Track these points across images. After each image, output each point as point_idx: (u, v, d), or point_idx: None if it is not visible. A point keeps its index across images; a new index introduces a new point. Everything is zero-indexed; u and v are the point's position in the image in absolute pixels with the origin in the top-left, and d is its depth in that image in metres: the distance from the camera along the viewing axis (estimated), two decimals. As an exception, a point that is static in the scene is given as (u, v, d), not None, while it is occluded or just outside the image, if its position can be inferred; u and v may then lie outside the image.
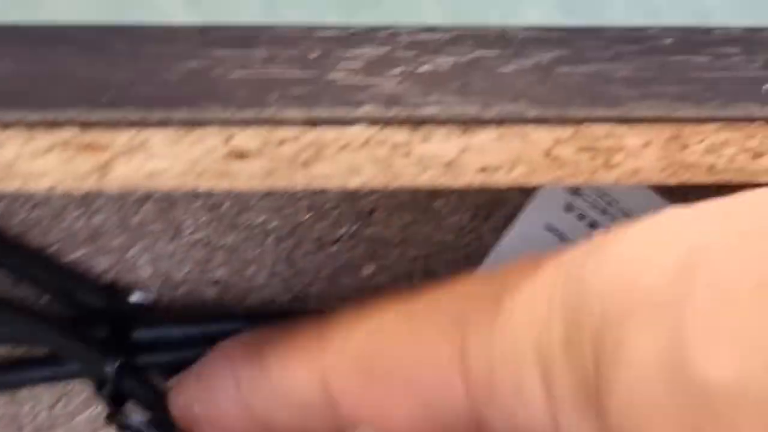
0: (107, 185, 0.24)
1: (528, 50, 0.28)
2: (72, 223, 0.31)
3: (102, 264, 0.32)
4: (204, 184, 0.25)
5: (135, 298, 0.30)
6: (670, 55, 0.28)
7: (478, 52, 0.28)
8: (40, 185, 0.24)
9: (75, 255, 0.31)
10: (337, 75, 0.26)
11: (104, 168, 0.24)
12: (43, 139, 0.24)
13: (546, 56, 0.28)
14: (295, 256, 0.32)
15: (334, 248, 0.32)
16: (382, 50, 0.27)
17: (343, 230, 0.32)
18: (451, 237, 0.33)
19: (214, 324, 0.30)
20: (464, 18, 0.29)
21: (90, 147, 0.24)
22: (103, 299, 0.31)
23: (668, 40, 0.29)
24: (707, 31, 0.30)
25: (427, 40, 0.28)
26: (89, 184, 0.24)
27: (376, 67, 0.27)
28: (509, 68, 0.27)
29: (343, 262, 0.32)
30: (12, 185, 0.24)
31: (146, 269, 0.32)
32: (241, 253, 0.32)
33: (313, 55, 0.27)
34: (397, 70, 0.27)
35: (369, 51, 0.27)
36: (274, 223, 0.31)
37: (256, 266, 0.32)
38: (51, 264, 0.31)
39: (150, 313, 0.31)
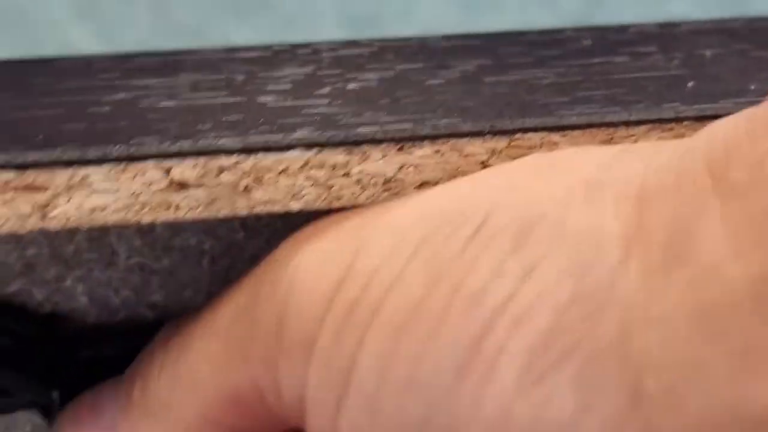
0: (50, 224, 0.24)
1: (451, 61, 0.28)
2: (5, 256, 0.30)
3: (38, 295, 0.31)
4: (147, 217, 0.25)
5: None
6: (590, 58, 0.29)
7: (402, 66, 0.28)
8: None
9: (10, 288, 0.31)
10: (267, 98, 0.26)
11: (45, 207, 0.24)
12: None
13: (470, 66, 0.28)
14: (231, 276, 0.32)
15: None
16: (307, 69, 0.28)
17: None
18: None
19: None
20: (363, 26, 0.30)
21: (30, 187, 0.24)
22: (42, 329, 0.31)
23: (586, 42, 0.29)
24: (622, 29, 0.30)
25: (349, 56, 0.28)
26: (31, 223, 0.24)
27: (304, 87, 0.27)
28: (436, 81, 0.28)
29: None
30: None
31: (83, 298, 0.32)
32: (177, 276, 0.32)
33: (240, 78, 0.27)
34: (326, 90, 0.27)
35: (294, 71, 0.27)
36: (208, 244, 0.31)
37: (192, 288, 0.32)
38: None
39: (90, 337, 0.31)
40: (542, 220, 0.22)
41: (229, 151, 0.24)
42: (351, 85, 0.27)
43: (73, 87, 0.26)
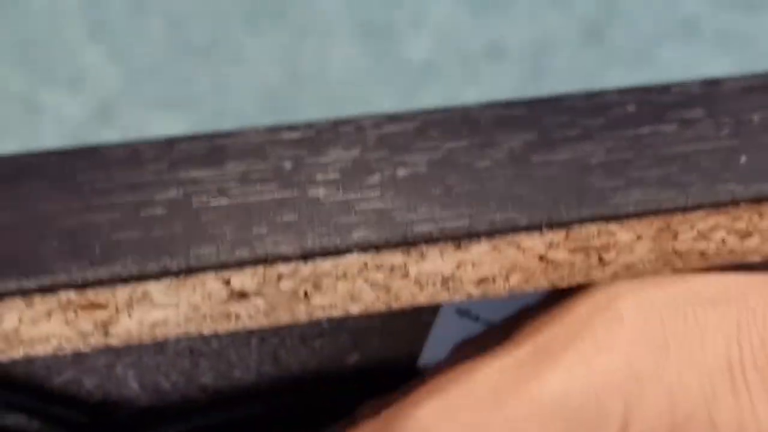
0: (111, 341, 0.24)
1: (496, 136, 0.28)
2: (54, 346, 0.30)
3: (88, 384, 0.31)
4: (207, 329, 0.25)
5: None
6: (638, 127, 0.28)
7: (448, 144, 0.28)
8: (46, 349, 0.24)
9: (62, 378, 0.31)
10: (319, 191, 0.26)
11: (107, 325, 0.24)
12: (42, 303, 0.24)
13: (516, 142, 0.28)
14: (280, 355, 0.32)
15: (318, 342, 0.32)
16: (354, 153, 0.27)
17: (325, 324, 0.32)
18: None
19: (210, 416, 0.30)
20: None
21: (91, 305, 0.24)
22: (94, 417, 0.31)
23: (630, 108, 0.29)
24: (665, 90, 0.30)
25: (393, 133, 0.28)
26: (93, 341, 0.24)
27: (353, 175, 0.27)
28: (484, 163, 0.27)
29: (328, 354, 0.32)
30: (18, 352, 0.24)
31: (133, 384, 0.32)
32: (226, 356, 0.32)
33: (287, 167, 0.27)
34: (376, 178, 0.27)
35: (340, 155, 0.27)
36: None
37: (241, 369, 0.32)
38: (38, 390, 0.31)
39: (143, 422, 0.31)
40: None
41: (287, 258, 0.24)
42: (401, 172, 0.27)
43: (122, 183, 0.26)
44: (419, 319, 0.32)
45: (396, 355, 0.32)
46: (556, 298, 0.27)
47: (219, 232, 0.25)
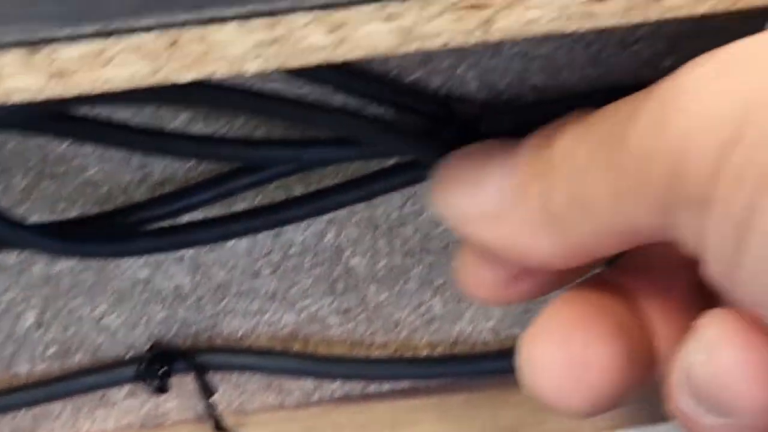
0: (491, 37, 0.28)
1: None
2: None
3: (434, 83, 0.36)
4: (571, 27, 0.28)
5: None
6: None
7: None
8: (434, 44, 0.28)
9: (411, 78, 0.36)
10: None
11: (488, 22, 0.28)
12: (436, 4, 0.28)
13: None
14: (601, 57, 0.36)
15: (636, 47, 0.36)
16: None
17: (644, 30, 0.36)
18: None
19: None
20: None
21: (475, 6, 0.28)
22: (441, 109, 0.35)
23: None
24: None
25: None
26: (476, 37, 0.28)
27: None
28: None
29: (645, 58, 0.36)
30: (411, 47, 0.28)
31: (473, 83, 0.36)
32: (555, 59, 0.36)
33: None
34: None
35: None
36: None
37: (568, 70, 0.36)
38: (392, 85, 0.35)
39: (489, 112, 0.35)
40: None
41: (645, -34, 0.28)
42: None
43: None
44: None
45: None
46: None
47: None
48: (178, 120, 0.36)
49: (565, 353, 0.30)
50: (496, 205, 0.30)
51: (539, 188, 0.30)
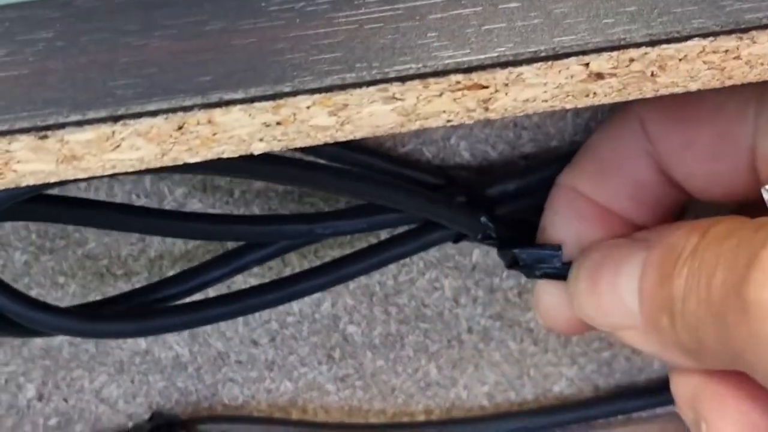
0: (490, 115, 0.29)
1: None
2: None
3: (428, 153, 0.37)
4: (569, 104, 0.29)
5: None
6: None
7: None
8: (437, 122, 0.29)
9: (405, 148, 0.37)
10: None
11: (487, 102, 0.29)
12: (436, 84, 0.29)
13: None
14: (591, 126, 0.37)
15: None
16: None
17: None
18: None
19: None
20: None
21: (475, 86, 0.29)
22: (440, 177, 0.36)
23: None
24: None
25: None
26: (476, 115, 0.29)
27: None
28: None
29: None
30: (414, 125, 0.29)
31: (465, 153, 0.37)
32: (545, 129, 0.37)
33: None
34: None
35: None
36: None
37: (558, 140, 0.37)
38: (387, 156, 0.36)
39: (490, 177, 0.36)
40: None
41: (638, 44, 0.29)
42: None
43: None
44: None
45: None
46: None
47: (573, 21, 0.29)
48: (177, 193, 0.37)
49: None
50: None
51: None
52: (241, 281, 0.38)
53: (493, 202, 0.35)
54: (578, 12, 0.29)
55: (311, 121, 0.28)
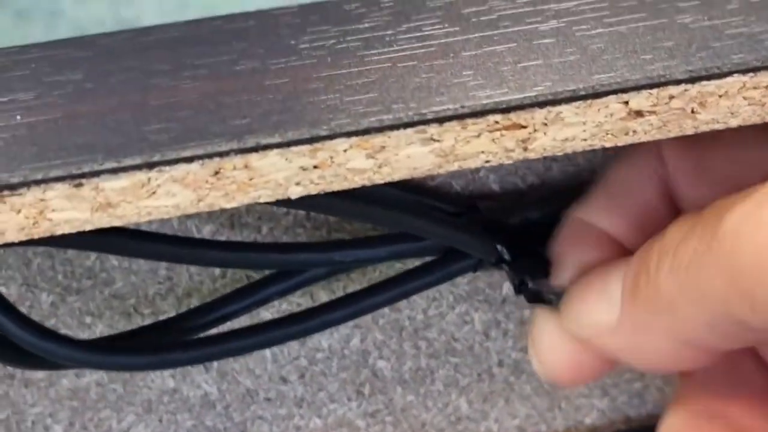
0: (529, 155, 0.29)
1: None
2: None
3: (457, 186, 0.36)
4: (609, 143, 0.29)
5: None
6: None
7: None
8: (476, 163, 0.29)
9: (434, 182, 0.36)
10: (685, 18, 0.30)
11: (526, 141, 0.29)
12: (474, 125, 0.28)
13: None
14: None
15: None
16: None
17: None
18: None
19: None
20: None
21: (513, 126, 0.28)
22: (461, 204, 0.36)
23: None
24: None
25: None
26: (515, 155, 0.29)
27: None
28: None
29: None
30: (452, 166, 0.29)
31: (494, 186, 0.37)
32: (575, 160, 0.36)
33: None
34: (734, 2, 0.30)
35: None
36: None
37: (588, 170, 0.36)
38: (417, 189, 0.36)
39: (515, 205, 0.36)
40: None
41: (677, 81, 0.28)
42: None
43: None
44: None
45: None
46: None
47: (611, 57, 0.29)
48: (205, 230, 0.36)
49: None
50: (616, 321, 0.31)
51: (645, 275, 0.30)
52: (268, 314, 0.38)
53: (514, 230, 0.34)
54: (615, 48, 0.29)
55: (348, 164, 0.28)
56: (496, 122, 0.28)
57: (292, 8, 0.32)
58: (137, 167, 0.27)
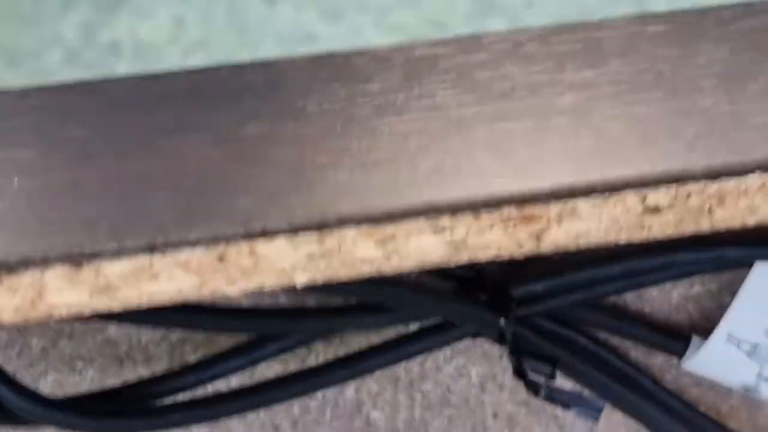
0: (542, 249, 0.28)
1: None
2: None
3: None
4: (622, 238, 0.28)
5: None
6: None
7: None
8: (486, 255, 0.28)
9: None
10: (706, 101, 0.29)
11: (540, 234, 0.28)
12: (488, 217, 0.27)
13: None
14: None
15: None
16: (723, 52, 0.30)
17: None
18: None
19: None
20: None
21: (527, 218, 0.28)
22: (471, 271, 0.35)
23: None
24: None
25: (760, 29, 0.30)
26: (526, 249, 0.28)
27: (732, 82, 0.29)
28: None
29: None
30: (463, 258, 0.28)
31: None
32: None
33: (666, 69, 0.29)
34: (757, 85, 0.29)
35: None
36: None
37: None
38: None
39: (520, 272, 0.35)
40: None
41: (697, 178, 0.28)
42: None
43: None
44: None
45: None
46: None
47: (630, 147, 0.28)
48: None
49: None
50: None
51: None
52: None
53: (518, 302, 0.34)
54: (633, 135, 0.28)
55: (357, 252, 0.27)
56: (510, 214, 0.27)
57: (302, 60, 0.30)
58: (140, 249, 0.26)
